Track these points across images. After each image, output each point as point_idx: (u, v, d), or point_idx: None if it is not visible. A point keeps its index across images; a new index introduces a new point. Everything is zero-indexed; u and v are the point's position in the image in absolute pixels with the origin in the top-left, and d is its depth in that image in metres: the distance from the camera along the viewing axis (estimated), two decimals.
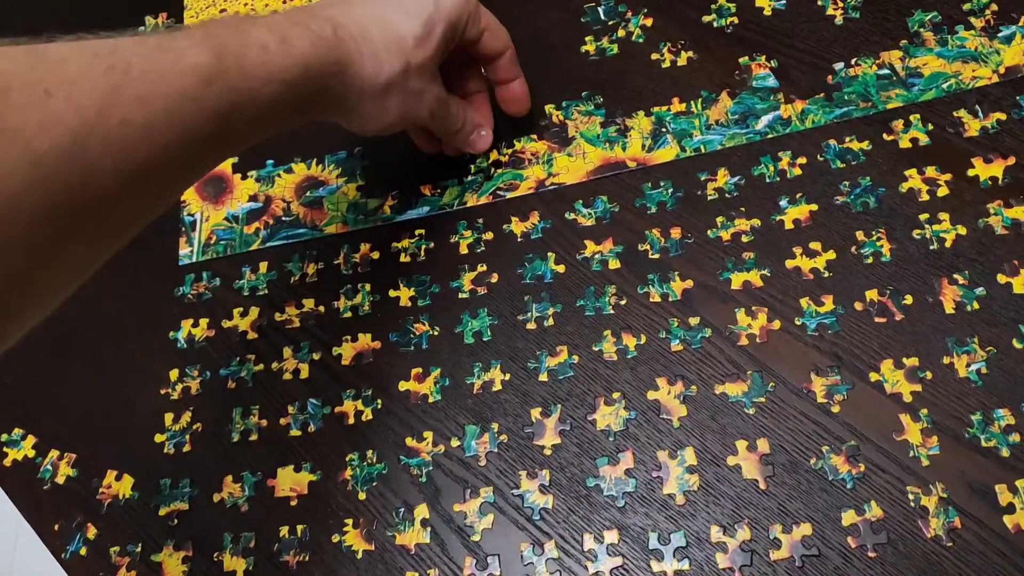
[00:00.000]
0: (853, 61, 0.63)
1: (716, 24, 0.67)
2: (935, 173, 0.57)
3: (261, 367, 0.61)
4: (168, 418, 0.61)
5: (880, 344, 0.53)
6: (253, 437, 0.59)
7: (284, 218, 0.67)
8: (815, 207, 0.58)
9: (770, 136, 0.61)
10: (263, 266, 0.65)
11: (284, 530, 0.55)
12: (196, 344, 0.63)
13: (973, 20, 0.62)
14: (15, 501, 0.60)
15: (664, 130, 0.63)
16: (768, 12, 0.66)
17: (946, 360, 0.52)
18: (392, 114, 0.55)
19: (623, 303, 0.58)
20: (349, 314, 0.62)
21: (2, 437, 0.62)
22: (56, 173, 0.34)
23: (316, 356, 0.61)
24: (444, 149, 0.64)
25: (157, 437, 0.60)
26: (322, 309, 0.62)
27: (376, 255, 0.63)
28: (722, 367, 0.54)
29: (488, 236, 0.62)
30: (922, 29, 0.63)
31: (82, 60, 0.37)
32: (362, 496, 0.55)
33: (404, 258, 0.63)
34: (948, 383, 0.51)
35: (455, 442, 0.56)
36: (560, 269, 0.60)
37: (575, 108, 0.66)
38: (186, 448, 0.59)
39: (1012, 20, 0.62)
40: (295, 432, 0.58)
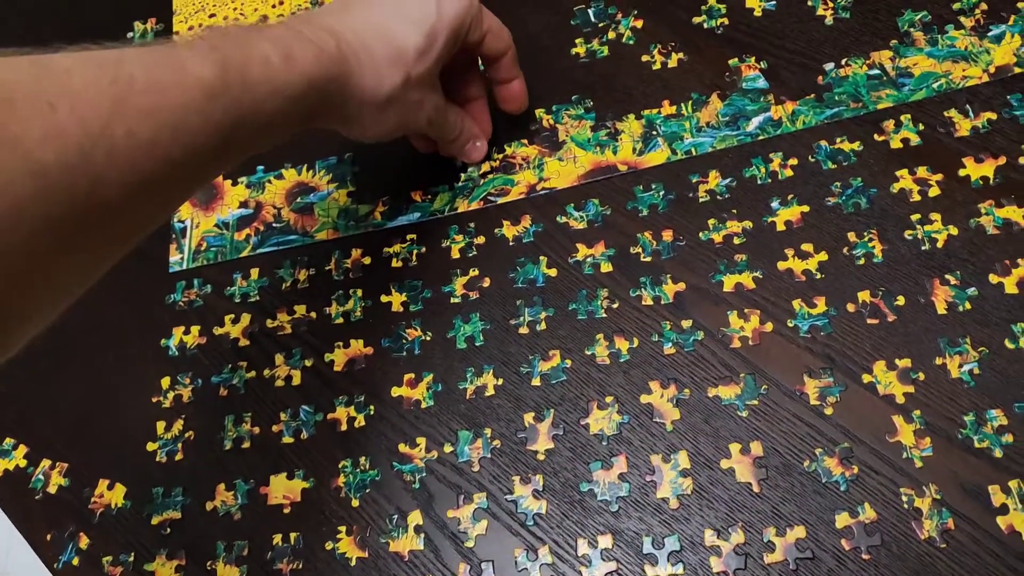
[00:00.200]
0: (843, 61, 0.63)
1: (706, 25, 0.67)
2: (926, 173, 0.57)
3: (253, 374, 0.61)
4: (160, 426, 0.60)
5: (872, 345, 0.53)
6: (246, 445, 0.59)
7: (275, 224, 0.67)
8: (807, 208, 0.58)
9: (761, 138, 0.61)
10: (254, 272, 0.65)
11: (277, 538, 0.55)
12: (188, 351, 0.63)
13: (963, 19, 0.62)
14: (7, 511, 0.60)
15: (655, 133, 0.63)
16: (758, 13, 0.66)
17: (938, 361, 0.52)
18: (391, 123, 0.56)
19: (615, 306, 0.58)
20: (341, 320, 0.61)
21: None
22: (59, 184, 0.34)
23: (308, 362, 0.60)
24: (440, 150, 0.64)
25: (149, 445, 0.60)
26: (314, 315, 0.62)
27: (368, 260, 0.63)
28: (715, 370, 0.54)
29: (480, 240, 0.62)
30: (912, 29, 0.63)
31: (87, 72, 0.37)
32: (355, 503, 0.55)
33: (396, 263, 0.63)
34: (941, 384, 0.51)
35: (448, 448, 0.56)
36: (552, 273, 0.60)
37: (565, 112, 0.65)
38: (178, 456, 0.59)
39: (1002, 19, 0.62)
40: (288, 439, 0.58)
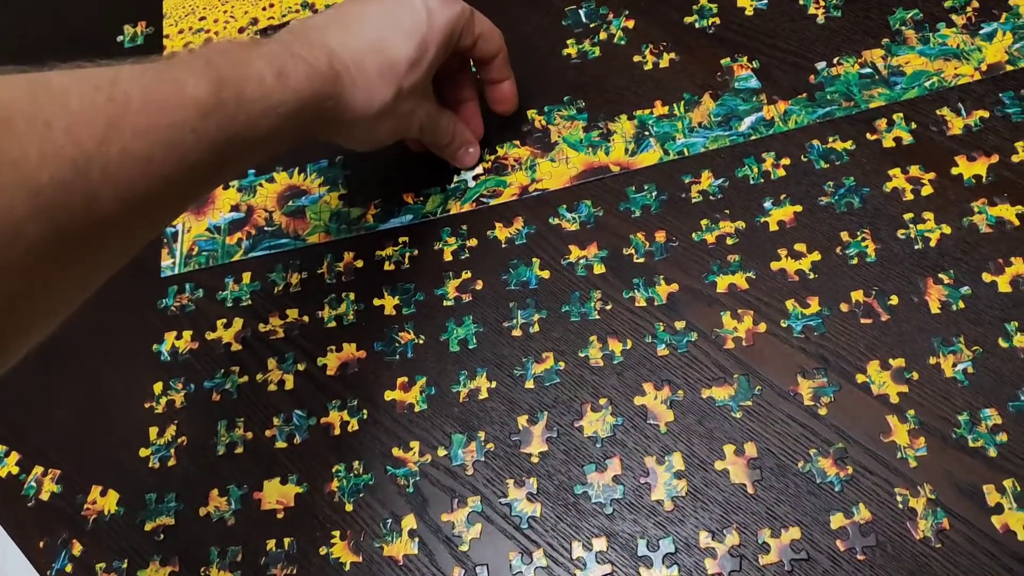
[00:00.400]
0: (835, 60, 0.62)
1: (698, 25, 0.67)
2: (919, 172, 0.57)
3: (246, 379, 0.61)
4: (153, 432, 0.60)
5: (866, 345, 0.53)
6: (239, 450, 0.58)
7: (266, 228, 0.66)
8: (799, 208, 0.58)
9: (753, 137, 0.61)
10: (246, 277, 0.65)
11: (271, 543, 0.55)
12: (180, 356, 0.63)
13: (955, 17, 0.62)
14: None
15: (647, 133, 0.63)
16: (750, 12, 0.66)
17: (932, 360, 0.52)
18: (383, 133, 0.56)
19: (609, 308, 0.57)
20: (333, 324, 0.61)
21: None
22: (56, 202, 0.35)
23: (301, 367, 0.60)
24: (433, 152, 0.64)
25: (142, 451, 0.60)
26: (306, 319, 0.62)
27: (360, 264, 0.63)
28: (708, 371, 0.54)
29: (472, 243, 0.62)
30: (904, 27, 0.63)
31: (82, 91, 0.37)
32: (349, 507, 0.55)
33: (388, 266, 0.62)
34: (935, 383, 0.51)
35: (442, 451, 0.55)
36: (545, 275, 0.60)
37: (557, 113, 0.65)
38: (171, 462, 0.59)
39: (993, 17, 0.61)
40: (281, 444, 0.58)
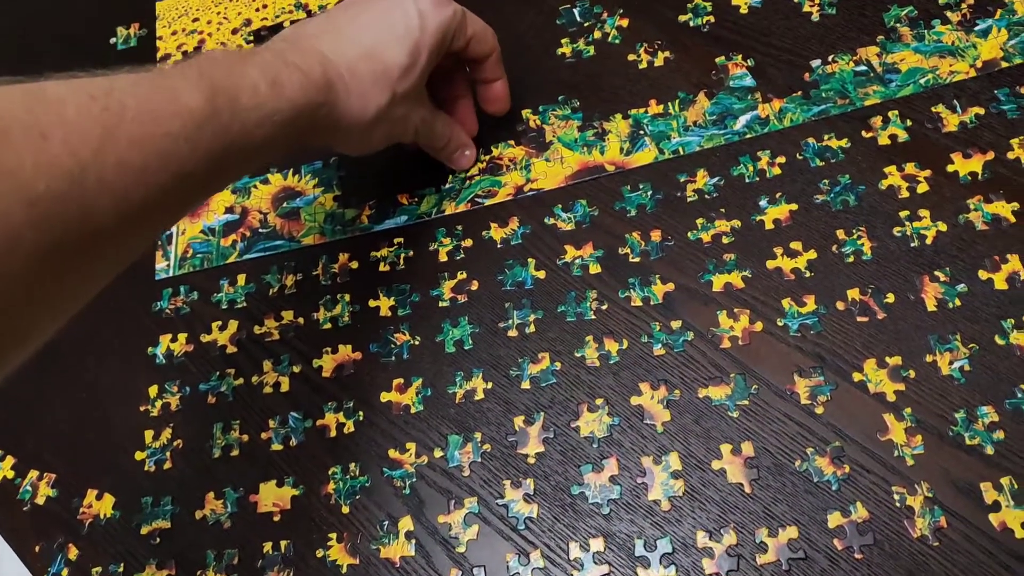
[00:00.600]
0: (830, 58, 0.62)
1: (692, 23, 0.66)
2: (914, 169, 0.57)
3: (241, 381, 0.60)
4: (148, 435, 0.60)
5: (863, 343, 0.53)
6: (235, 452, 0.58)
7: (261, 230, 0.66)
8: (795, 206, 0.58)
9: (748, 136, 0.61)
10: (241, 279, 0.64)
11: (268, 546, 0.55)
12: (175, 359, 0.62)
13: (949, 14, 0.62)
14: None
15: (642, 132, 0.63)
16: (744, 10, 0.66)
17: (929, 358, 0.51)
18: (378, 139, 0.56)
19: (604, 308, 0.57)
20: (329, 325, 0.61)
21: None
22: (52, 212, 0.35)
23: (296, 369, 0.60)
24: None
25: (137, 455, 0.59)
26: (301, 321, 0.62)
27: (355, 265, 0.63)
28: (705, 370, 0.54)
29: (467, 243, 0.62)
30: (898, 24, 0.62)
31: (78, 101, 0.38)
32: (346, 510, 0.55)
33: (383, 267, 0.62)
34: (931, 381, 0.51)
35: (438, 453, 0.55)
36: (540, 275, 0.59)
37: (552, 112, 0.65)
38: (167, 465, 0.59)
39: (988, 13, 0.61)
40: (277, 446, 0.58)
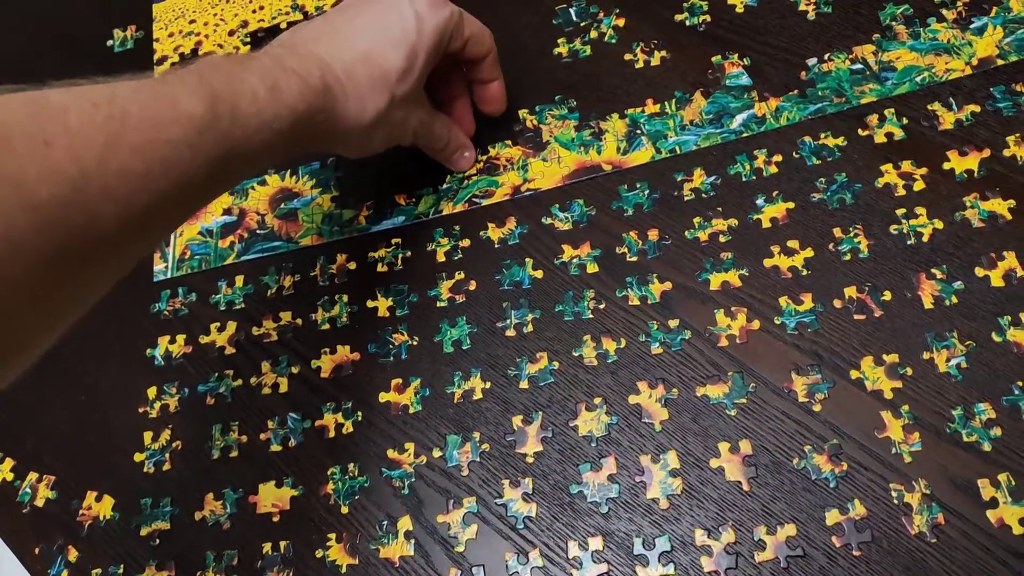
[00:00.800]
0: (826, 56, 0.62)
1: (688, 23, 0.67)
2: (911, 167, 0.57)
3: (240, 382, 0.60)
4: (147, 436, 0.60)
5: (860, 341, 0.53)
6: (233, 453, 0.58)
7: (259, 231, 0.66)
8: (792, 205, 0.58)
9: (745, 135, 0.61)
10: (239, 280, 0.65)
11: (267, 547, 0.55)
12: (174, 361, 0.62)
13: (945, 12, 0.62)
14: None
15: (639, 132, 0.63)
16: (740, 9, 0.66)
17: (926, 355, 0.52)
18: (377, 142, 0.56)
19: (602, 307, 0.57)
20: (327, 326, 0.61)
21: None
22: (55, 219, 0.35)
23: (295, 369, 0.60)
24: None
25: (136, 456, 0.59)
26: (300, 322, 0.62)
27: (353, 266, 0.63)
28: (702, 369, 0.54)
29: (465, 243, 0.62)
30: (894, 22, 0.63)
31: (80, 108, 0.38)
32: (345, 510, 0.55)
33: (381, 268, 0.62)
34: (928, 378, 0.51)
35: (437, 452, 0.55)
36: (538, 274, 0.59)
37: (549, 112, 0.65)
38: (166, 467, 0.59)
39: (984, 11, 0.61)
40: (276, 447, 0.58)
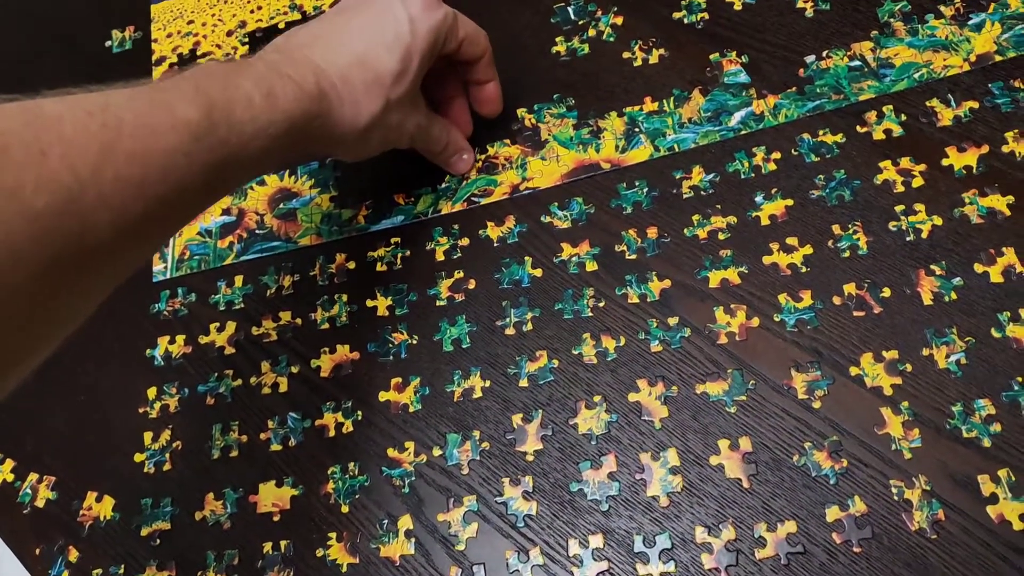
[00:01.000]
0: (824, 53, 0.62)
1: (686, 20, 0.67)
2: (909, 164, 0.57)
3: (239, 382, 0.60)
4: (147, 437, 0.60)
5: (859, 338, 0.53)
6: (234, 453, 0.58)
7: (258, 231, 0.66)
8: (791, 202, 0.58)
9: (744, 132, 0.61)
10: (238, 280, 0.65)
11: (268, 546, 0.55)
12: (173, 361, 0.63)
13: (943, 8, 0.62)
14: None
15: (637, 130, 0.63)
16: (738, 7, 0.66)
17: (925, 352, 0.52)
18: (373, 145, 0.56)
19: (601, 305, 0.57)
20: (327, 325, 0.61)
21: None
22: (53, 228, 0.35)
23: (295, 369, 0.60)
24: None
25: (137, 456, 0.59)
26: (299, 321, 0.62)
27: (352, 265, 0.63)
28: (702, 366, 0.54)
29: (464, 242, 0.62)
30: (892, 19, 0.63)
31: (75, 117, 0.38)
32: (345, 509, 0.55)
33: (380, 267, 0.62)
34: (928, 375, 0.51)
35: (437, 451, 0.55)
36: (537, 273, 0.59)
37: (547, 111, 0.65)
38: (166, 467, 0.59)
39: (982, 7, 0.61)
40: (276, 447, 0.58)
